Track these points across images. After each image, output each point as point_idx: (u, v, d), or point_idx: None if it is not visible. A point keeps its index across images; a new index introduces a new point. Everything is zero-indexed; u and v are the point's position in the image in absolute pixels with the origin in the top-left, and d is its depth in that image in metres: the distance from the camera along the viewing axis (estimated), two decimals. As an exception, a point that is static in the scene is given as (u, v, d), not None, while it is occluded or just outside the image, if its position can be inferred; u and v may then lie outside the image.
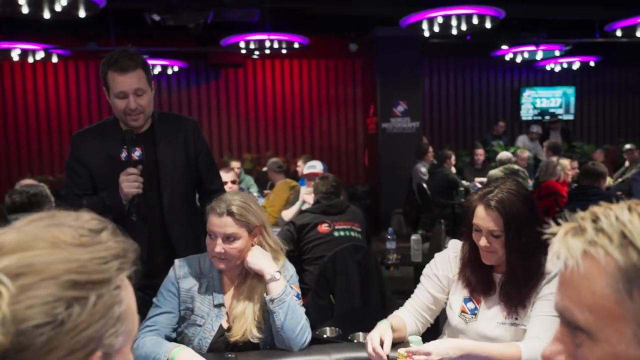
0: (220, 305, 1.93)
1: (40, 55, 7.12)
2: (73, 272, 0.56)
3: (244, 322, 1.88)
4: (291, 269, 2.01)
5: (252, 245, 1.93)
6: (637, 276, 0.57)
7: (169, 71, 8.52)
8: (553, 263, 0.64)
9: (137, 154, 2.18)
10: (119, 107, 2.18)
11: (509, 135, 10.04)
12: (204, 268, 1.97)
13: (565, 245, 0.62)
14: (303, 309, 1.94)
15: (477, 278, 1.86)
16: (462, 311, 1.89)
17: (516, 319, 1.82)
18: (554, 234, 0.64)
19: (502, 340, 1.80)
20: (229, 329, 1.90)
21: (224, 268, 1.91)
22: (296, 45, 7.16)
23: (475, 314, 1.87)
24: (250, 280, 1.92)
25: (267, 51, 7.13)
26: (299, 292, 1.99)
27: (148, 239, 2.26)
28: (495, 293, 1.86)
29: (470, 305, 1.89)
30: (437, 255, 2.03)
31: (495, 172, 6.56)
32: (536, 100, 10.52)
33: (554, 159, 5.49)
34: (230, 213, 1.87)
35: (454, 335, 1.93)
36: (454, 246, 1.98)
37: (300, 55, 9.39)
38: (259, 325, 1.89)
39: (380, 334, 1.77)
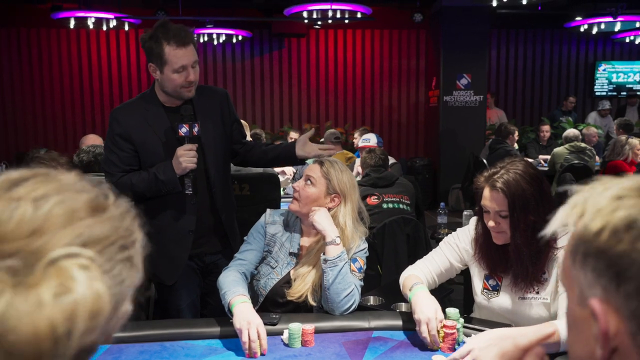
0: (294, 255, 2.09)
1: (113, 23, 7.44)
2: (121, 237, 0.63)
3: (304, 285, 2.00)
4: (363, 245, 2.09)
5: (329, 210, 2.04)
6: (578, 246, 0.63)
7: (234, 40, 8.67)
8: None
9: (196, 129, 2.17)
10: (177, 81, 2.17)
11: (580, 111, 9.58)
12: (290, 221, 2.15)
13: (564, 212, 0.66)
14: (358, 282, 2.00)
15: (493, 256, 1.86)
16: (484, 288, 1.91)
17: (537, 292, 1.82)
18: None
19: (525, 314, 1.82)
20: (290, 286, 2.03)
21: (294, 209, 2.08)
22: (359, 15, 7.09)
23: (497, 290, 1.88)
24: (320, 247, 2.02)
25: (330, 21, 7.10)
26: (363, 266, 2.06)
27: (197, 210, 2.32)
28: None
29: (492, 282, 1.90)
30: (459, 229, 2.05)
31: (560, 149, 6.33)
32: (612, 75, 9.96)
33: (623, 137, 5.23)
34: (321, 163, 2.10)
35: (482, 312, 1.95)
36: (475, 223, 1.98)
37: (363, 26, 9.29)
38: (315, 293, 2.00)
39: (436, 311, 1.71)
